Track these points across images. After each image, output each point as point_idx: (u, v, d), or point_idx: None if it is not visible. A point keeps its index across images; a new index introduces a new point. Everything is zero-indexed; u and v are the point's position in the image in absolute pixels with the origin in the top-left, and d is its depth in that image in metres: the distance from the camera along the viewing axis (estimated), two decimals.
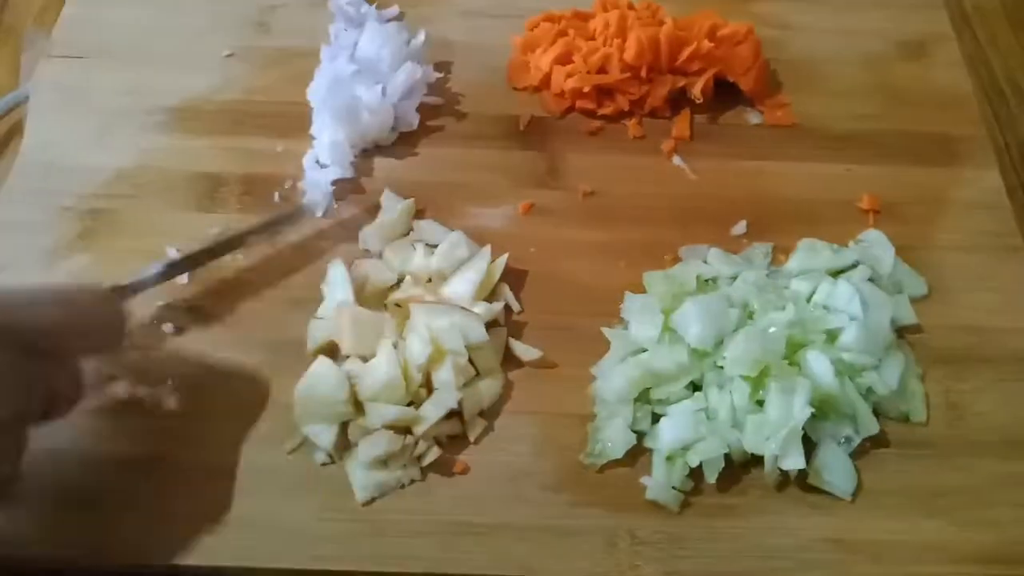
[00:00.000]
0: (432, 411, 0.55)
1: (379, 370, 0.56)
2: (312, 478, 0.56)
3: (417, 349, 0.56)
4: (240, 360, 0.59)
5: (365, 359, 0.58)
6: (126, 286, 0.55)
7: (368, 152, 0.70)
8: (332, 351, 0.59)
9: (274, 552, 0.53)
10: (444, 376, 0.56)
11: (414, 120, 0.71)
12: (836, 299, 0.60)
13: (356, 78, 0.69)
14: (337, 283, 0.61)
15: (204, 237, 0.63)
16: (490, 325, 0.59)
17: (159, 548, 0.53)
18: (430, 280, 0.61)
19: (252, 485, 0.55)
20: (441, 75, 0.75)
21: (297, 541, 0.53)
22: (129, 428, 0.57)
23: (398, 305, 0.60)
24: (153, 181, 0.68)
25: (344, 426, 0.56)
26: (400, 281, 0.62)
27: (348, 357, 0.58)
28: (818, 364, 0.57)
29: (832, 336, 0.59)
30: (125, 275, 0.56)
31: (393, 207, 0.66)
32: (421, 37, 0.74)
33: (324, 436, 0.55)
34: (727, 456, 0.56)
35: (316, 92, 0.70)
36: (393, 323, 0.59)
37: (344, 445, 0.56)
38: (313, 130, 0.70)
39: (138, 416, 0.57)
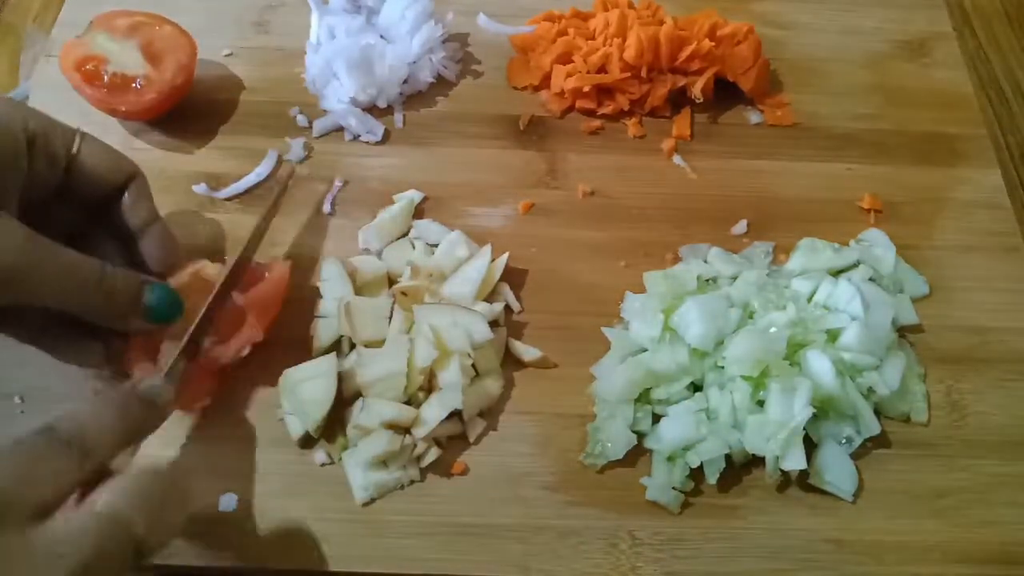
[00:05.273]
0: (435, 411, 0.55)
1: (384, 358, 0.56)
2: (312, 478, 0.56)
3: (423, 352, 0.56)
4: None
5: (371, 346, 0.58)
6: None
7: (367, 151, 0.70)
8: (337, 348, 0.60)
9: (274, 552, 0.53)
10: (450, 376, 0.56)
11: (426, 79, 0.73)
12: (837, 299, 0.60)
13: (369, 32, 0.72)
14: (333, 278, 0.61)
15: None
16: (490, 325, 0.59)
17: None
18: (431, 275, 0.61)
19: (252, 485, 0.55)
20: (458, 45, 0.76)
21: (297, 541, 0.53)
22: None
23: (404, 294, 0.60)
24: (153, 180, 0.67)
25: (332, 415, 0.56)
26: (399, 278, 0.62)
27: (353, 349, 0.59)
28: (819, 364, 0.57)
29: (833, 336, 0.59)
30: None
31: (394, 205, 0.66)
32: (449, 16, 0.76)
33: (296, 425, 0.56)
34: (728, 456, 0.56)
35: (325, 43, 0.73)
36: (401, 312, 0.59)
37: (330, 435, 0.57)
38: (308, 81, 0.72)
39: None
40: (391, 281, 0.62)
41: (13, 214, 0.48)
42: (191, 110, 0.71)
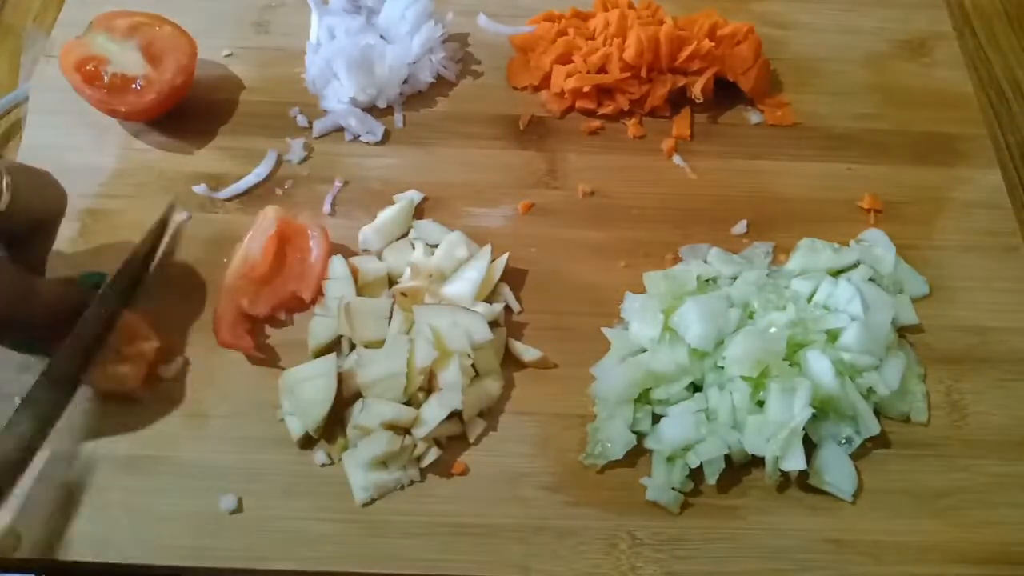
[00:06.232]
0: (435, 411, 0.55)
1: (384, 359, 0.56)
2: (312, 479, 0.56)
3: (423, 352, 0.56)
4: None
5: (371, 346, 0.58)
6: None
7: (367, 151, 0.70)
8: (334, 348, 0.60)
9: (274, 552, 0.53)
10: (450, 377, 0.56)
11: (426, 79, 0.73)
12: (837, 299, 0.60)
13: (369, 32, 0.72)
14: (339, 278, 0.61)
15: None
16: (490, 325, 0.59)
17: (159, 548, 0.53)
18: (431, 276, 0.61)
19: (252, 485, 0.55)
20: (458, 45, 0.76)
21: (297, 541, 0.53)
22: (129, 428, 0.57)
23: (404, 294, 0.60)
24: (153, 181, 0.68)
25: (332, 415, 0.56)
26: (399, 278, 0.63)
27: (352, 349, 0.59)
28: (819, 364, 0.57)
29: (833, 336, 0.59)
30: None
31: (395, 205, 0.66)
32: (449, 16, 0.76)
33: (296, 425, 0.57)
34: (727, 457, 0.56)
35: (325, 43, 0.73)
36: (400, 312, 0.59)
37: (330, 436, 0.57)
38: (308, 81, 0.73)
39: (138, 416, 0.57)
40: (391, 281, 0.62)
41: None
42: (191, 110, 0.71)
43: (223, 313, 0.59)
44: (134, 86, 0.66)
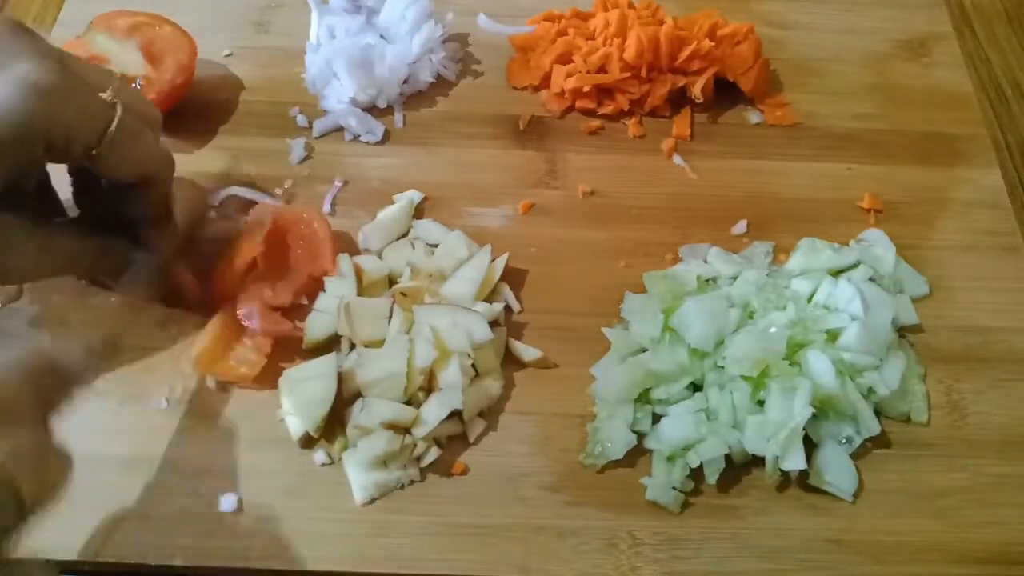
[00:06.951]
0: (435, 411, 0.55)
1: (384, 359, 0.56)
2: (311, 478, 0.56)
3: (423, 352, 0.56)
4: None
5: (371, 346, 0.58)
6: None
7: (367, 151, 0.70)
8: (330, 346, 0.60)
9: (274, 552, 0.53)
10: (450, 377, 0.56)
11: (426, 79, 0.74)
12: (837, 299, 0.60)
13: (369, 32, 0.73)
14: (345, 275, 0.61)
15: None
16: (490, 325, 0.59)
17: (159, 548, 0.53)
18: (431, 276, 0.61)
19: (252, 485, 0.55)
20: (458, 45, 0.77)
21: (297, 541, 0.53)
22: (129, 428, 0.57)
23: (404, 294, 0.60)
24: None
25: (332, 415, 0.56)
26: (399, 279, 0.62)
27: (352, 349, 0.59)
28: (819, 364, 0.57)
29: (833, 336, 0.59)
30: None
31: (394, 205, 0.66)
32: (449, 16, 0.76)
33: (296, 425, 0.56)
34: (728, 456, 0.56)
35: (325, 43, 0.73)
36: (400, 312, 0.59)
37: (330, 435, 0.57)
38: (308, 81, 0.73)
39: (138, 416, 0.57)
40: (391, 281, 0.62)
41: None
42: (191, 110, 0.71)
43: (252, 310, 0.59)
44: (134, 86, 0.66)
